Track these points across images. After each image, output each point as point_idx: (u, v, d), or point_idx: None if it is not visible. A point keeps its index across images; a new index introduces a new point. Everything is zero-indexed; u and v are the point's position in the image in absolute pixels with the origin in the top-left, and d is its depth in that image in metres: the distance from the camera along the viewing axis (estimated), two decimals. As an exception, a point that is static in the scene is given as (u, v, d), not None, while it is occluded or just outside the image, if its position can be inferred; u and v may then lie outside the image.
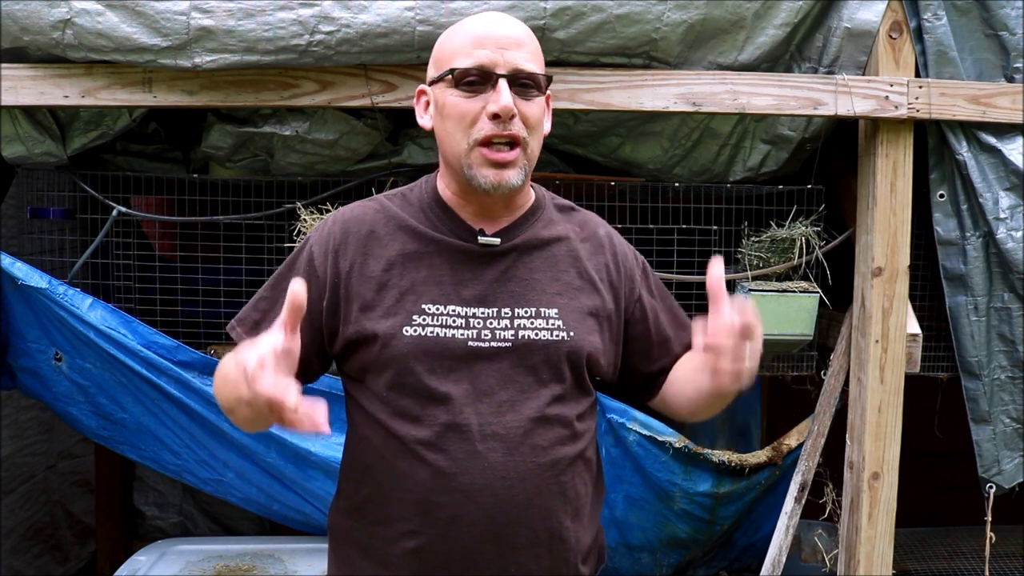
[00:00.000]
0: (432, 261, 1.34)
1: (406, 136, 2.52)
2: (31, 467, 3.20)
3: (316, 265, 1.36)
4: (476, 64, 1.28)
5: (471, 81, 1.28)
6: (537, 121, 1.32)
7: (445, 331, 1.30)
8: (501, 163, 1.28)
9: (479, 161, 1.29)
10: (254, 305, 1.41)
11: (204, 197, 2.49)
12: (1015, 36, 2.31)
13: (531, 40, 1.34)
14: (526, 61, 1.29)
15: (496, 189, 1.30)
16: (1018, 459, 2.47)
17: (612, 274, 1.42)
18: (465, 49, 1.29)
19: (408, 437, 1.30)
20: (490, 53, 1.28)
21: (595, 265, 1.41)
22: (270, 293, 1.40)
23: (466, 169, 1.30)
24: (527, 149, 1.31)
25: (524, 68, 1.29)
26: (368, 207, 1.41)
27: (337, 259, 1.35)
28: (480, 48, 1.28)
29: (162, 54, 2.11)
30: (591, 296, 1.38)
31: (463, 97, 1.29)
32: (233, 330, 1.41)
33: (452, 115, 1.30)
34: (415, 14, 2.09)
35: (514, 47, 1.29)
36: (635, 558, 2.71)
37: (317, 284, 1.35)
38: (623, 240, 1.50)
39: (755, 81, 2.26)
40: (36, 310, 2.36)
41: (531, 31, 1.37)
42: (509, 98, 1.26)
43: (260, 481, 2.49)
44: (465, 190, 1.35)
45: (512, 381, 1.31)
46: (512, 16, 1.38)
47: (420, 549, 1.30)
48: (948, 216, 2.40)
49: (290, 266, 1.40)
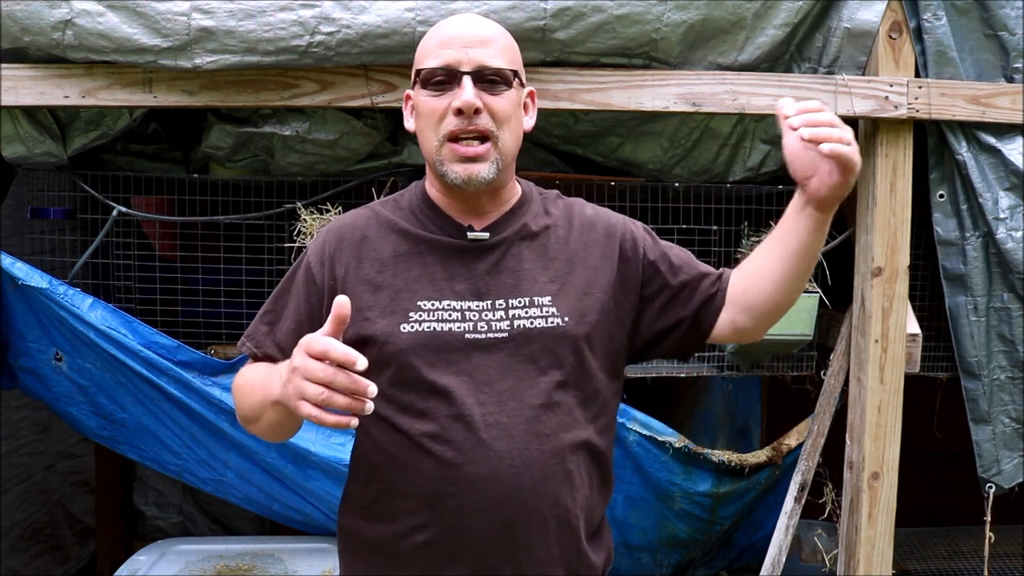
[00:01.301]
0: (424, 259, 1.37)
1: (406, 136, 2.52)
2: (29, 467, 3.20)
3: (314, 274, 1.39)
4: (441, 63, 1.32)
5: (438, 80, 1.32)
6: (506, 115, 1.34)
7: (442, 325, 1.33)
8: (470, 157, 1.32)
9: (449, 156, 1.33)
10: (260, 319, 1.45)
11: (204, 197, 2.49)
12: (1015, 36, 2.32)
13: (501, 37, 1.37)
14: (491, 58, 1.33)
15: (467, 183, 1.33)
16: (1018, 459, 2.48)
17: (606, 248, 1.43)
18: (432, 51, 1.34)
19: (413, 431, 1.32)
20: (455, 52, 1.32)
21: (585, 244, 1.42)
22: (274, 306, 1.44)
23: (439, 166, 1.34)
24: (498, 143, 1.33)
25: (489, 64, 1.32)
26: (360, 214, 1.45)
27: (333, 265, 1.38)
28: (446, 48, 1.33)
29: (162, 55, 2.11)
30: (585, 278, 1.39)
31: (431, 96, 1.33)
32: (244, 345, 1.45)
33: (423, 114, 1.35)
34: (415, 15, 2.09)
35: (478, 45, 1.33)
36: (635, 558, 2.72)
37: (316, 292, 1.38)
38: (612, 213, 1.50)
39: (755, 81, 2.26)
40: (36, 310, 2.36)
41: (504, 30, 1.40)
42: (471, 94, 1.30)
43: (260, 481, 2.49)
44: (446, 187, 1.38)
45: (511, 371, 1.32)
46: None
47: (430, 542, 1.32)
48: (948, 216, 2.40)
49: (290, 279, 1.44)
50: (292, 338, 1.37)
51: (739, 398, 3.25)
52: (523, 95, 1.41)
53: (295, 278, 1.43)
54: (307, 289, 1.40)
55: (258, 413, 1.32)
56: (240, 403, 1.40)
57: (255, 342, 1.43)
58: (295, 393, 1.10)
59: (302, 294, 1.40)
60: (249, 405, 1.35)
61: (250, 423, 1.38)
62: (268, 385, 1.25)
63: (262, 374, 1.33)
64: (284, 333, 1.40)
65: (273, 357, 1.39)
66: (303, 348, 1.10)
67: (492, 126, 1.32)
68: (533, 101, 1.45)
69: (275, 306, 1.44)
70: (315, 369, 1.08)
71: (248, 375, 1.40)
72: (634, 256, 1.44)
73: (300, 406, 1.10)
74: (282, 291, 1.44)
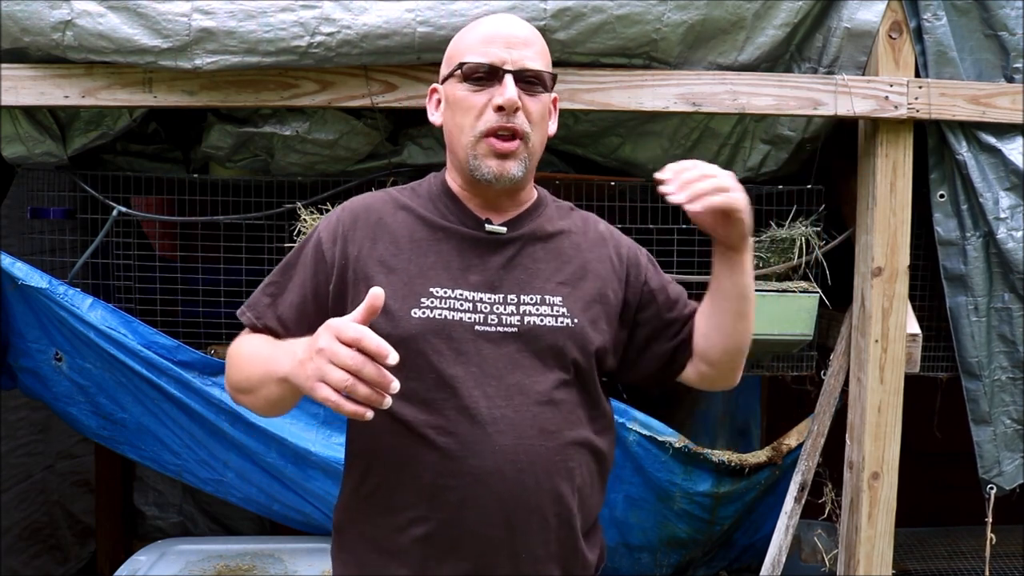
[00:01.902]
0: (440, 247, 1.38)
1: (406, 136, 2.52)
2: (27, 467, 3.20)
3: (324, 250, 1.39)
4: (485, 60, 1.34)
5: (480, 76, 1.35)
6: (540, 117, 1.38)
7: (453, 314, 1.33)
8: (504, 153, 1.34)
9: (484, 151, 1.35)
10: (263, 290, 1.45)
11: (204, 197, 2.49)
12: (1015, 36, 2.31)
13: (538, 41, 1.40)
14: (532, 60, 1.36)
15: (498, 180, 1.35)
16: (1019, 460, 2.47)
17: (616, 266, 1.46)
18: (475, 47, 1.36)
19: (416, 421, 1.31)
20: (499, 51, 1.34)
21: (598, 257, 1.45)
22: (279, 278, 1.44)
23: (471, 159, 1.36)
24: (528, 143, 1.36)
25: (530, 66, 1.35)
26: (377, 196, 1.46)
27: (346, 244, 1.38)
28: (490, 46, 1.35)
29: (163, 55, 2.11)
30: (595, 287, 1.41)
31: (471, 91, 1.35)
32: (244, 315, 1.44)
33: (461, 107, 1.36)
34: (416, 15, 2.09)
35: (521, 46, 1.36)
36: (635, 558, 2.71)
37: (324, 269, 1.38)
38: (622, 235, 1.54)
39: (755, 81, 2.26)
40: (36, 310, 2.36)
41: (539, 33, 1.43)
42: (514, 92, 1.33)
43: (260, 481, 2.49)
44: (470, 182, 1.40)
45: (519, 365, 1.33)
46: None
47: (429, 535, 1.31)
48: (948, 216, 2.40)
49: (298, 253, 1.43)
50: (295, 312, 1.38)
51: (739, 398, 3.25)
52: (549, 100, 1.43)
53: (303, 252, 1.42)
54: (315, 266, 1.39)
55: (255, 385, 1.30)
56: (235, 372, 1.37)
57: (256, 312, 1.42)
58: (314, 374, 1.09)
59: (309, 269, 1.39)
60: (247, 376, 1.33)
61: (243, 394, 1.36)
62: (273, 360, 1.24)
63: (266, 347, 1.32)
64: (287, 307, 1.39)
65: (274, 330, 1.39)
66: (333, 332, 1.09)
67: (526, 126, 1.35)
68: (555, 107, 1.47)
69: (280, 278, 1.43)
70: (345, 355, 1.06)
71: (249, 345, 1.38)
72: (636, 280, 1.47)
73: (318, 388, 1.09)
74: (288, 264, 1.43)
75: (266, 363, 1.27)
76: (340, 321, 1.10)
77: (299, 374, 1.14)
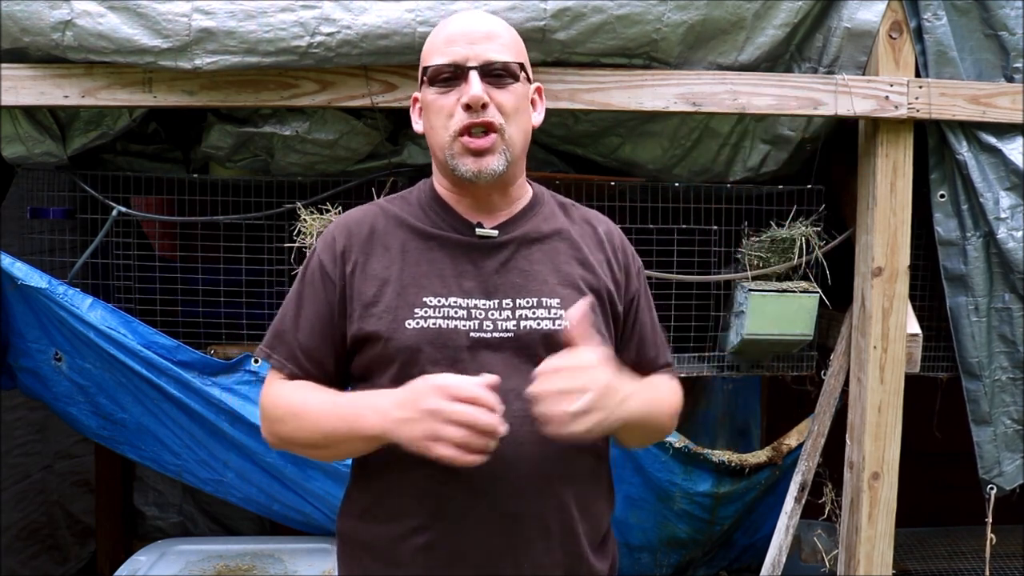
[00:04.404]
0: (432, 255, 1.37)
1: (406, 136, 2.52)
2: (26, 467, 3.19)
3: (328, 272, 1.38)
4: (448, 61, 1.33)
5: (445, 77, 1.34)
6: (512, 108, 1.35)
7: (447, 323, 1.32)
8: (478, 150, 1.33)
9: (460, 150, 1.34)
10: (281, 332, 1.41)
11: (204, 197, 2.49)
12: (1015, 36, 2.31)
13: (506, 32, 1.38)
14: (497, 52, 1.34)
15: (477, 177, 1.34)
16: (1019, 460, 2.47)
17: (615, 269, 1.45)
18: (439, 48, 1.36)
19: None
20: (460, 49, 1.33)
21: (597, 259, 1.43)
22: (293, 312, 1.40)
23: (449, 160, 1.35)
24: (504, 135, 1.34)
25: (494, 59, 1.33)
26: (368, 210, 1.45)
27: (344, 261, 1.38)
28: (452, 45, 1.34)
29: (162, 55, 2.11)
30: (593, 287, 1.40)
31: (440, 93, 1.35)
32: (270, 358, 1.40)
33: (433, 110, 1.36)
34: (415, 15, 2.09)
35: (484, 40, 1.34)
36: (635, 558, 2.71)
37: (332, 289, 1.37)
38: (624, 237, 1.52)
39: (755, 81, 2.26)
40: (36, 310, 2.36)
41: (509, 25, 1.41)
42: (479, 88, 1.31)
43: (260, 481, 2.49)
44: (456, 183, 1.39)
45: (516, 371, 1.31)
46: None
47: (430, 545, 1.30)
48: (948, 216, 2.40)
49: (303, 280, 1.42)
50: (316, 340, 1.37)
51: (739, 398, 3.25)
52: (531, 90, 1.42)
53: (309, 281, 1.40)
54: (324, 290, 1.37)
55: (333, 442, 1.29)
56: (298, 428, 1.33)
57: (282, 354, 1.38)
58: (428, 435, 1.16)
59: (320, 295, 1.38)
60: (322, 433, 1.30)
61: (314, 448, 1.35)
62: (357, 418, 1.25)
63: (332, 402, 1.31)
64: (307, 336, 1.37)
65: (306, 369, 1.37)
66: (444, 393, 1.16)
67: (499, 119, 1.33)
68: (541, 97, 1.46)
69: (293, 311, 1.40)
70: (460, 413, 1.15)
71: (300, 398, 1.34)
72: (628, 286, 1.47)
73: (433, 447, 1.16)
74: (298, 295, 1.40)
75: (346, 421, 1.27)
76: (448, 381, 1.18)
77: (405, 433, 1.19)
